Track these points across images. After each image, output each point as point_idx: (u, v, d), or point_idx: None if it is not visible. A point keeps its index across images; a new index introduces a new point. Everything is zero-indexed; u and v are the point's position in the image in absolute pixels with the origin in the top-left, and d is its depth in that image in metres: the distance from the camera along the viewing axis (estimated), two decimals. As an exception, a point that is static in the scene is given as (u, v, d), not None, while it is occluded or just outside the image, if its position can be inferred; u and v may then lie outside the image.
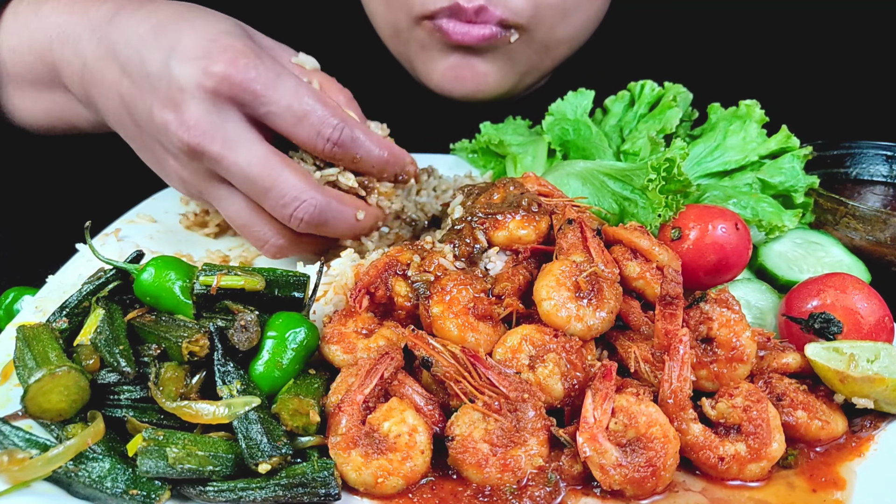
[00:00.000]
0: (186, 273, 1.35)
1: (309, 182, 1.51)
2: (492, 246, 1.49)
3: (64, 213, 1.93)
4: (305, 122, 1.49)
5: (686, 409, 1.25)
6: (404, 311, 1.42)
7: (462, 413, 1.23)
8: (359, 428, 1.21)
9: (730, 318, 1.32)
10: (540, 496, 1.17)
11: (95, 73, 1.59)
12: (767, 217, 1.70)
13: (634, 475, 1.17)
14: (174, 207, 1.91)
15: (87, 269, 1.48)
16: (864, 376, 1.27)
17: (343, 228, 1.59)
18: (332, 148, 1.52)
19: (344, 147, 1.52)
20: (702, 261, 1.52)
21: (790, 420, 1.28)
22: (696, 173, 1.81)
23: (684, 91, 1.96)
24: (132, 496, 1.12)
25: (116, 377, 1.24)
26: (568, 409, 1.28)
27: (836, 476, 1.24)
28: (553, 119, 1.98)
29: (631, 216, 1.64)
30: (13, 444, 1.17)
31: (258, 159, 1.47)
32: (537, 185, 1.61)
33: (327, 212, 1.53)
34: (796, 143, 1.80)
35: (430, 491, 1.20)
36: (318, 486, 1.14)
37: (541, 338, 1.31)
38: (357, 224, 1.60)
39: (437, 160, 2.13)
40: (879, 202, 1.95)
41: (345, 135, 1.51)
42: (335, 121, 1.50)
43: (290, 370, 1.29)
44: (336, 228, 1.57)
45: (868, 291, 1.46)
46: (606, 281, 1.37)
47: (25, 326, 1.29)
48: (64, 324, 1.33)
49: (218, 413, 1.19)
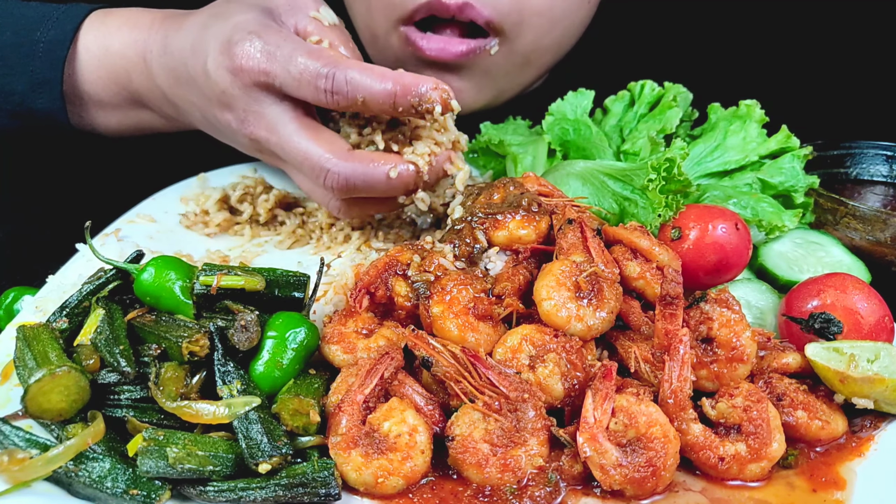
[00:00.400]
0: (186, 273, 1.35)
1: (334, 150, 1.53)
2: (492, 246, 1.49)
3: (64, 213, 1.93)
4: (303, 81, 1.49)
5: (686, 409, 1.25)
6: (404, 311, 1.42)
7: (462, 413, 1.23)
8: (359, 428, 1.21)
9: (730, 318, 1.32)
10: (540, 496, 1.17)
11: (171, 98, 1.74)
12: (767, 217, 1.70)
13: (635, 475, 1.17)
14: (174, 207, 1.91)
15: (87, 269, 1.48)
16: (864, 377, 1.27)
17: (379, 189, 1.56)
18: (333, 98, 1.48)
19: (341, 93, 1.47)
20: (702, 261, 1.52)
21: (790, 420, 1.28)
22: (697, 173, 1.81)
23: (684, 91, 1.96)
24: (132, 496, 1.12)
25: (116, 377, 1.24)
26: (568, 409, 1.28)
27: (837, 476, 1.24)
28: (553, 119, 1.98)
29: (631, 216, 1.64)
30: (13, 444, 1.17)
31: (289, 137, 1.55)
32: (537, 185, 1.61)
33: (352, 178, 1.52)
34: (796, 143, 1.80)
35: (430, 491, 1.20)
36: (318, 486, 1.14)
37: (541, 338, 1.31)
38: (392, 182, 1.54)
39: (436, 160, 2.14)
40: (879, 202, 1.95)
41: (337, 79, 1.46)
42: (325, 70, 1.47)
43: (291, 370, 1.29)
44: (371, 190, 1.56)
45: (868, 291, 1.46)
46: (606, 281, 1.37)
47: (25, 326, 1.29)
48: (64, 324, 1.33)
49: (218, 413, 1.19)
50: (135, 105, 1.86)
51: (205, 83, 1.60)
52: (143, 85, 1.78)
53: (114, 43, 1.79)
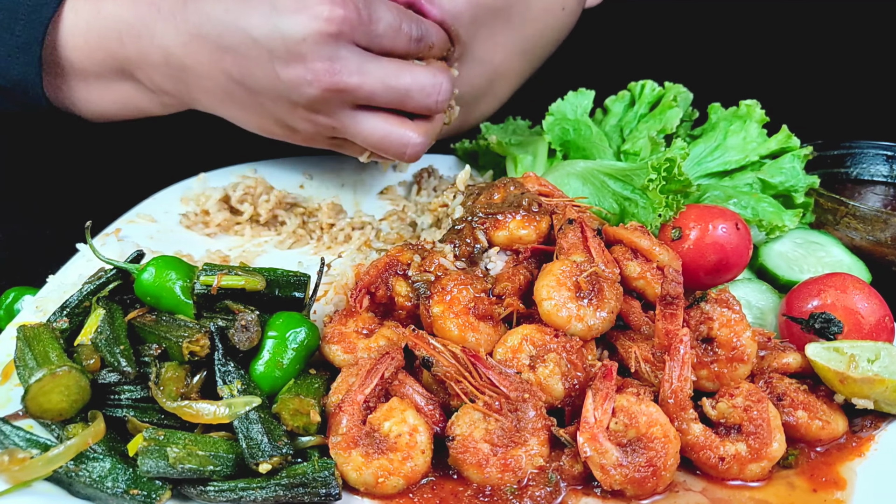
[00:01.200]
0: (187, 273, 1.35)
1: (433, 68, 1.67)
2: (492, 246, 1.49)
3: (64, 213, 1.93)
4: (400, 32, 1.62)
5: (686, 409, 1.25)
6: (405, 310, 1.42)
7: (462, 413, 1.23)
8: (359, 428, 1.21)
9: (730, 318, 1.32)
10: (540, 496, 1.17)
11: (184, 58, 1.64)
12: (768, 217, 1.70)
13: (635, 475, 1.17)
14: (174, 207, 1.91)
15: (88, 269, 1.48)
16: (863, 377, 1.27)
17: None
18: (418, 45, 1.66)
19: (424, 39, 1.67)
20: (702, 261, 1.52)
21: (791, 420, 1.28)
22: (697, 173, 1.81)
23: (684, 91, 1.96)
24: (133, 496, 1.12)
25: (117, 377, 1.24)
26: (568, 409, 1.28)
27: (837, 476, 1.24)
28: (553, 119, 1.98)
29: (631, 216, 1.64)
30: (14, 444, 1.17)
31: (390, 71, 1.61)
32: (537, 185, 1.61)
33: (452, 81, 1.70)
34: (796, 143, 1.80)
35: (430, 491, 1.20)
36: (318, 486, 1.14)
37: (541, 338, 1.31)
38: None
39: (437, 160, 2.14)
40: (879, 202, 1.95)
41: (423, 29, 1.67)
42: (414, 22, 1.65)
43: (291, 370, 1.29)
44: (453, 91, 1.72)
45: (868, 291, 1.46)
46: (607, 281, 1.37)
47: (26, 326, 1.29)
48: (64, 324, 1.33)
49: (218, 413, 1.19)
50: (120, 76, 1.77)
51: (266, 35, 1.53)
52: (137, 49, 1.68)
53: (108, 4, 1.70)
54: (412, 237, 1.81)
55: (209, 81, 1.66)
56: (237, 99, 1.68)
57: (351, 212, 1.94)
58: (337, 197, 1.93)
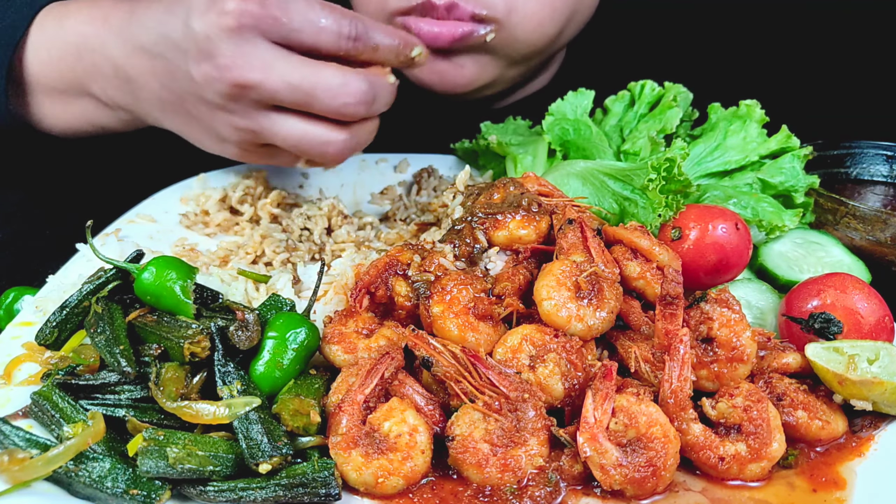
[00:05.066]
0: (187, 273, 1.35)
1: (346, 69, 1.57)
2: (492, 246, 1.49)
3: (64, 213, 1.93)
4: (325, 29, 1.54)
5: (686, 409, 1.25)
6: (405, 310, 1.42)
7: (462, 413, 1.23)
8: (359, 428, 1.21)
9: (730, 318, 1.32)
10: (540, 496, 1.17)
11: (129, 69, 1.65)
12: (768, 217, 1.70)
13: (635, 475, 1.17)
14: (174, 207, 1.91)
15: (88, 269, 1.48)
16: (862, 380, 1.27)
17: (389, 97, 1.64)
18: (353, 44, 1.57)
19: (362, 39, 1.58)
20: (702, 261, 1.52)
21: (790, 420, 1.28)
22: (697, 173, 1.81)
23: (684, 91, 1.96)
24: (132, 496, 1.12)
25: (117, 377, 1.24)
26: (568, 409, 1.28)
27: (837, 476, 1.24)
28: (553, 119, 1.98)
29: (631, 216, 1.64)
30: (13, 444, 1.17)
31: (295, 68, 1.53)
32: (537, 185, 1.61)
33: (372, 86, 1.58)
34: (796, 143, 1.80)
35: (430, 491, 1.20)
36: (318, 486, 1.14)
37: (541, 338, 1.31)
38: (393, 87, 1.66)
39: (437, 160, 2.14)
40: (879, 202, 1.95)
41: (360, 28, 1.57)
42: (348, 19, 1.56)
43: (291, 370, 1.29)
44: (382, 99, 1.62)
45: (868, 291, 1.46)
46: (607, 281, 1.37)
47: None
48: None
49: (218, 413, 1.19)
50: (80, 91, 1.78)
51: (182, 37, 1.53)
52: (91, 63, 1.71)
53: (70, 21, 1.73)
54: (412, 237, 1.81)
55: (149, 92, 1.67)
56: (172, 107, 1.68)
57: (350, 212, 1.94)
58: (336, 197, 1.93)
